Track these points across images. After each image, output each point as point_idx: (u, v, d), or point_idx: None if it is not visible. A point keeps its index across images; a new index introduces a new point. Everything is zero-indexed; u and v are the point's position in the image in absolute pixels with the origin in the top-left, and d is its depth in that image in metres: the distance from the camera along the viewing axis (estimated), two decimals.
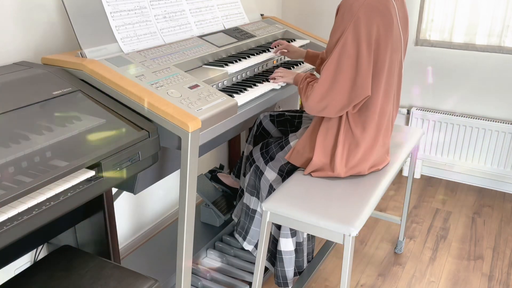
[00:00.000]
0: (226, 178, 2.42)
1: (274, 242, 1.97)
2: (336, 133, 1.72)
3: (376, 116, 1.70)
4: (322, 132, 1.74)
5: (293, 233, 1.91)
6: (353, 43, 1.57)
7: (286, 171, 1.89)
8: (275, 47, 2.20)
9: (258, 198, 1.94)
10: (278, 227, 1.93)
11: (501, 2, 2.79)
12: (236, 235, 2.05)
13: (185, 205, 1.45)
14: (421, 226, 2.70)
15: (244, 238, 2.04)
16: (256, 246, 2.04)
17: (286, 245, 1.91)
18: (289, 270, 1.95)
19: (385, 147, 1.83)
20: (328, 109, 1.64)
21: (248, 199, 1.97)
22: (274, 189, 1.87)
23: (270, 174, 1.89)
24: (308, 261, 2.08)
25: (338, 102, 1.62)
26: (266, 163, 1.90)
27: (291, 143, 1.87)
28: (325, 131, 1.73)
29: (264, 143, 1.96)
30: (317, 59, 2.02)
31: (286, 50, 2.15)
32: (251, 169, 1.94)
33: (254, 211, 1.97)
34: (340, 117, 1.70)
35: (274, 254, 1.98)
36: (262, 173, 1.90)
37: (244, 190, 1.98)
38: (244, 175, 2.06)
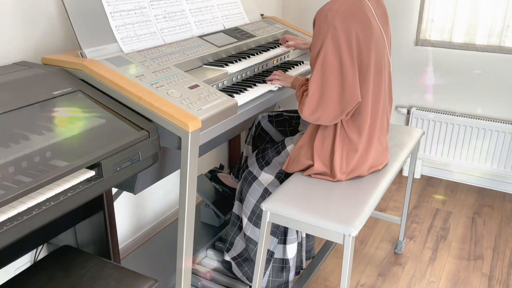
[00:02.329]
0: (226, 178, 2.42)
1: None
2: (332, 140, 1.71)
3: (368, 119, 1.69)
4: (318, 140, 1.73)
5: (297, 236, 1.91)
6: (334, 53, 1.56)
7: (285, 174, 1.89)
8: (284, 42, 2.25)
9: (242, 204, 1.93)
10: (283, 235, 1.91)
11: (501, 2, 2.79)
12: (225, 252, 2.04)
13: (185, 205, 1.45)
14: (421, 226, 2.70)
15: (228, 250, 2.03)
16: (234, 258, 2.02)
17: (292, 251, 1.91)
18: (291, 274, 1.95)
19: (383, 146, 1.82)
20: (321, 120, 1.64)
21: (236, 208, 1.97)
22: (270, 193, 1.86)
23: (265, 177, 1.87)
24: (310, 258, 2.08)
25: (330, 113, 1.61)
26: (261, 168, 1.89)
27: (288, 148, 1.86)
28: (321, 139, 1.72)
29: (260, 149, 1.95)
30: None
31: (293, 43, 2.18)
32: (243, 175, 1.93)
33: (238, 218, 1.96)
34: (335, 124, 1.70)
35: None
36: (255, 178, 1.88)
37: (235, 198, 1.98)
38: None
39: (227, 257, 2.03)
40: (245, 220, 1.91)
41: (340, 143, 1.70)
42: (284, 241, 1.92)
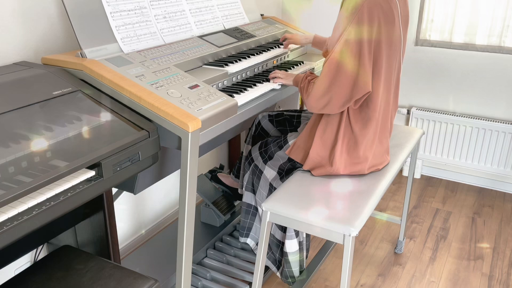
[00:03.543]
0: (226, 178, 2.42)
1: (278, 244, 1.96)
2: (336, 128, 1.72)
3: (376, 113, 1.70)
4: (321, 127, 1.74)
5: (297, 233, 1.91)
6: (356, 39, 1.57)
7: (286, 170, 1.89)
8: (283, 41, 2.27)
9: (255, 197, 1.95)
10: (284, 229, 1.92)
11: (501, 2, 2.79)
12: (239, 237, 2.06)
13: (185, 205, 1.45)
14: (421, 226, 2.70)
15: (247, 236, 2.04)
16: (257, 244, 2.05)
17: (292, 246, 1.92)
18: (296, 269, 1.96)
19: (384, 146, 1.83)
20: (330, 105, 1.64)
21: (249, 198, 1.97)
22: (275, 188, 1.87)
23: (269, 172, 1.89)
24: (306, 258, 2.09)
25: (340, 97, 1.62)
26: (265, 162, 1.90)
27: (290, 142, 1.87)
28: (324, 126, 1.74)
29: (263, 142, 1.96)
30: (324, 45, 2.03)
31: (292, 40, 2.20)
32: (250, 168, 1.94)
33: (256, 208, 1.98)
34: (341, 113, 1.70)
35: (279, 258, 1.98)
36: (261, 172, 1.90)
37: (244, 189, 1.98)
38: (244, 175, 2.07)
39: (251, 243, 2.04)
40: (261, 211, 1.93)
41: (343, 132, 1.71)
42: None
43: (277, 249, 1.97)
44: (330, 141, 1.74)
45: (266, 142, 1.95)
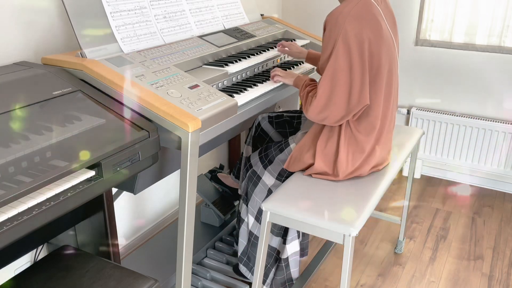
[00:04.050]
0: (226, 178, 2.42)
1: (271, 254, 1.95)
2: (337, 140, 1.71)
3: (378, 120, 1.70)
4: (322, 140, 1.73)
5: (298, 234, 1.91)
6: (345, 57, 1.57)
7: (286, 176, 1.89)
8: (280, 47, 2.21)
9: (247, 206, 1.93)
10: (284, 234, 1.91)
11: (501, 2, 2.79)
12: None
13: (185, 205, 1.45)
14: (421, 226, 2.70)
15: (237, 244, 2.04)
16: (240, 259, 2.02)
17: (293, 247, 1.91)
18: (295, 270, 1.95)
19: (386, 148, 1.83)
20: (328, 119, 1.65)
21: (240, 206, 1.97)
22: None
23: (268, 179, 1.87)
24: (303, 256, 2.09)
25: (336, 114, 1.63)
26: (265, 167, 1.89)
27: (291, 146, 1.86)
28: (325, 139, 1.73)
29: (263, 148, 1.95)
30: (319, 60, 2.02)
31: (287, 49, 2.15)
32: (247, 175, 1.93)
33: (242, 220, 1.96)
34: (341, 125, 1.70)
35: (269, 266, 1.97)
36: (259, 178, 1.88)
37: (241, 199, 1.98)
38: (243, 179, 2.06)
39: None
40: (251, 220, 1.91)
41: (346, 143, 1.70)
42: (283, 242, 1.92)
43: (270, 259, 1.96)
44: (332, 154, 1.73)
45: (267, 147, 1.94)
